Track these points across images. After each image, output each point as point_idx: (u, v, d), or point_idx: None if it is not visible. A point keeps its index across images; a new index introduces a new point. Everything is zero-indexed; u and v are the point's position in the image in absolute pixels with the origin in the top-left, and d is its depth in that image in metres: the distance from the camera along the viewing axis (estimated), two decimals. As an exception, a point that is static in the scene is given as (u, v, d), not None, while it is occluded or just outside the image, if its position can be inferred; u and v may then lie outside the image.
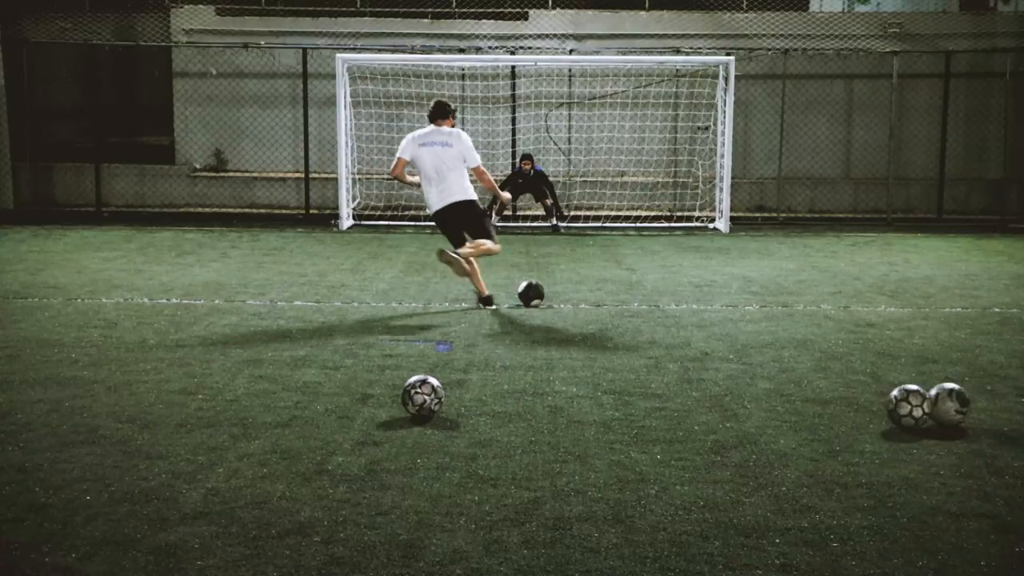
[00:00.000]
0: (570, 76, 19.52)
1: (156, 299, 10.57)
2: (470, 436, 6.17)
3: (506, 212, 17.51)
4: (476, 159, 10.12)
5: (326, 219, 17.95)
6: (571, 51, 19.48)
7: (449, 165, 9.99)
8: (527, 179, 17.17)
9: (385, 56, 18.44)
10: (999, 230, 18.02)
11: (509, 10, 19.98)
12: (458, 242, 10.20)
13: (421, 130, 10.27)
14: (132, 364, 7.84)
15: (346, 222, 17.27)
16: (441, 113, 10.16)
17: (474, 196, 10.21)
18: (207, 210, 19.62)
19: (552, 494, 5.24)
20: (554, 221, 17.30)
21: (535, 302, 10.35)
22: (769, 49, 19.27)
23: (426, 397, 6.41)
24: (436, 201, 10.12)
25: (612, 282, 11.97)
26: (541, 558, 4.49)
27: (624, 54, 18.83)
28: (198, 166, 20.40)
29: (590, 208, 18.64)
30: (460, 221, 10.20)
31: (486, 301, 10.29)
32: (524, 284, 10.55)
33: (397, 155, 10.18)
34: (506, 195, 11.05)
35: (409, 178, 10.29)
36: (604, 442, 6.08)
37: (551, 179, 17.87)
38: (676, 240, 16.22)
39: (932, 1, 20.94)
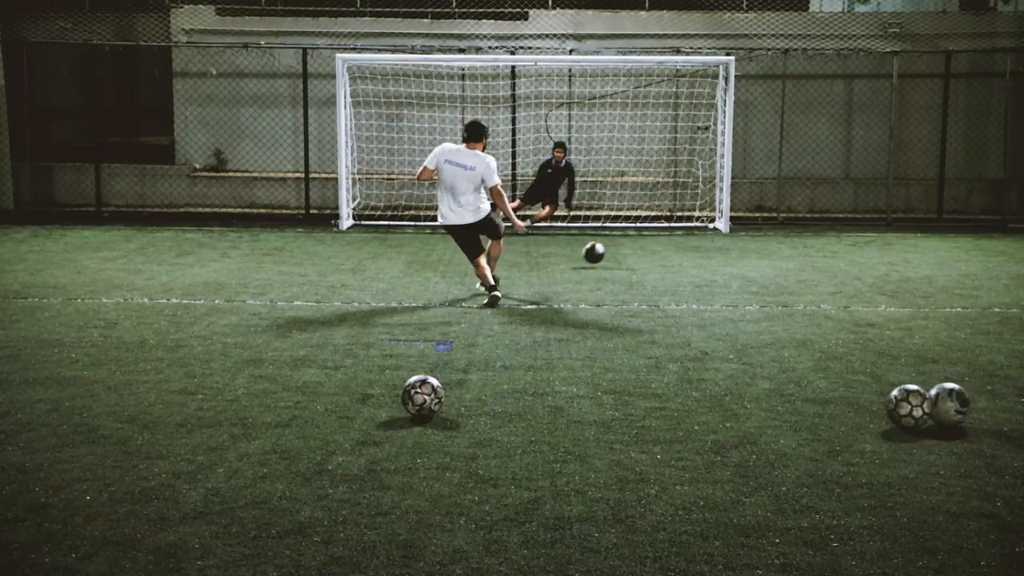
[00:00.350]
0: (570, 76, 19.51)
1: (156, 299, 10.57)
2: (470, 436, 6.17)
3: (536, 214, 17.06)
4: (495, 180, 10.54)
5: (326, 219, 17.95)
6: (571, 51, 19.48)
7: (465, 188, 10.45)
8: (556, 170, 16.77)
9: (385, 56, 18.44)
10: (999, 230, 18.02)
11: (509, 10, 19.98)
12: (472, 252, 10.70)
13: (452, 146, 10.66)
14: (132, 364, 7.84)
15: (346, 222, 17.27)
16: (475, 136, 10.53)
17: (485, 212, 10.64)
18: (207, 210, 19.62)
19: (552, 494, 5.24)
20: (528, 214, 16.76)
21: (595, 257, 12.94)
22: (769, 49, 19.27)
23: (426, 397, 6.41)
24: (447, 216, 10.62)
25: (612, 282, 11.97)
26: (541, 558, 4.50)
27: (624, 54, 18.83)
28: (198, 166, 20.40)
29: (590, 208, 18.63)
30: (473, 234, 10.71)
31: (490, 290, 10.61)
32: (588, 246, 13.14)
33: (424, 163, 10.60)
34: (521, 224, 11.46)
35: (434, 177, 10.65)
36: (604, 442, 6.08)
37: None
38: (676, 240, 16.22)
39: (932, 1, 20.93)
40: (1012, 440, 6.20)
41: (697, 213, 18.41)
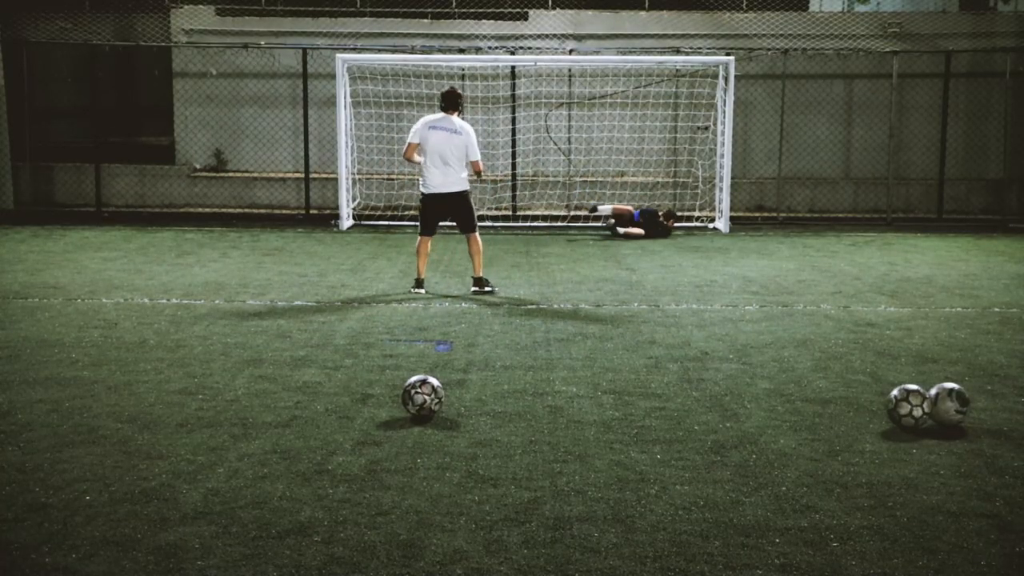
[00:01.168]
0: (570, 76, 19.51)
1: (156, 299, 10.57)
2: (470, 436, 6.17)
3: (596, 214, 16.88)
4: (479, 155, 11.01)
5: (326, 219, 17.95)
6: (571, 51, 19.47)
7: (455, 153, 10.84)
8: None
9: (385, 56, 18.43)
10: (999, 230, 18.01)
11: (509, 10, 19.97)
12: (432, 229, 11.10)
13: (432, 116, 11.09)
14: (132, 364, 7.84)
15: (346, 222, 17.27)
16: (452, 103, 10.97)
17: (468, 187, 11.10)
18: (207, 210, 19.61)
19: (552, 494, 5.24)
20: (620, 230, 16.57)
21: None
22: (769, 49, 19.26)
23: (426, 397, 6.41)
24: (437, 184, 10.90)
25: (612, 282, 11.97)
26: (541, 558, 4.50)
27: (624, 54, 18.82)
28: (198, 166, 20.40)
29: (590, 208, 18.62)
30: (448, 211, 11.08)
31: (478, 283, 11.13)
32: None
33: (408, 140, 10.97)
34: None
35: (416, 157, 10.95)
36: (604, 442, 6.08)
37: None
38: (676, 240, 16.22)
39: (932, 1, 20.92)
40: (1012, 440, 6.20)
41: (697, 213, 18.41)
